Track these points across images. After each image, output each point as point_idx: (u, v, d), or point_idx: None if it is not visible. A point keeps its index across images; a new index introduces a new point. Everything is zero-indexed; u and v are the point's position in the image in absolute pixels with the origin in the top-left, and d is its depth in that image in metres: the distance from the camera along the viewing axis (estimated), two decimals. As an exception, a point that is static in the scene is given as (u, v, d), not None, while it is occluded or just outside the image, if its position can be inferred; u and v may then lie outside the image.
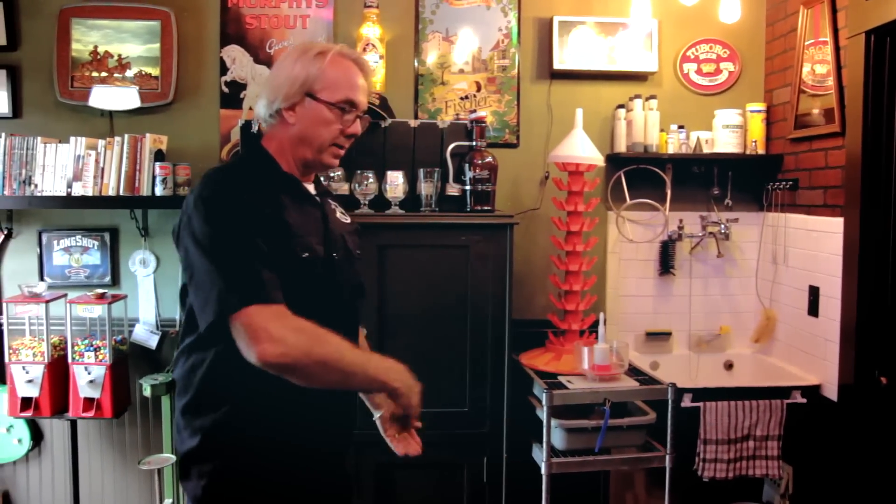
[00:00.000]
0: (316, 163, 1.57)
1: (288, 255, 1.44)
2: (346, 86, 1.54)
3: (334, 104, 1.52)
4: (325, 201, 1.64)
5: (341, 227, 1.65)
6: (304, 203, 1.57)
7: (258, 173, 1.53)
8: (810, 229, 2.90)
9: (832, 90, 2.72)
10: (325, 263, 1.53)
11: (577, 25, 3.18)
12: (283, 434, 1.48)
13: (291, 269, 1.43)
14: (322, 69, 1.52)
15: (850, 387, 2.60)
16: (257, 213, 1.42)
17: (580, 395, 2.52)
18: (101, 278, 3.10)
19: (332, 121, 1.53)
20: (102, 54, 3.05)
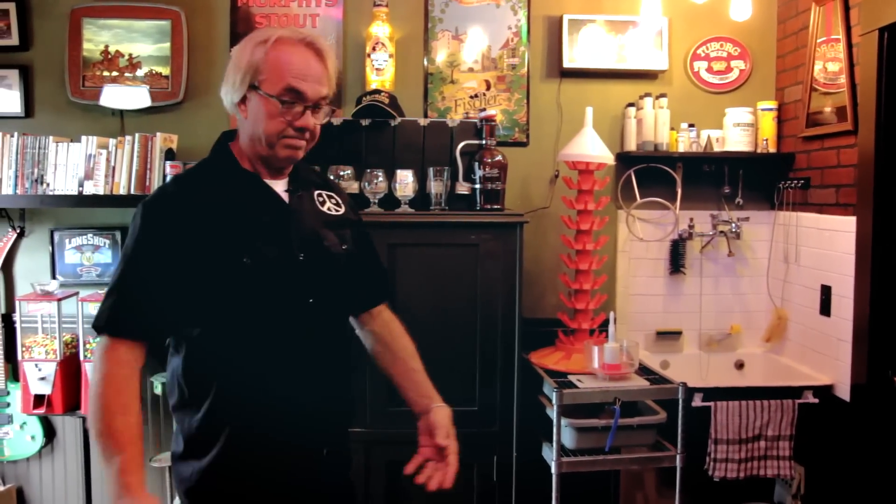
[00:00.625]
0: (272, 158, 1.46)
1: (227, 260, 1.40)
2: (288, 73, 1.40)
3: (274, 96, 1.40)
4: (301, 197, 1.53)
5: (317, 222, 1.53)
6: (262, 203, 1.48)
7: (209, 177, 1.49)
8: (822, 228, 2.89)
9: (844, 88, 2.70)
10: (275, 267, 1.44)
11: (587, 24, 3.17)
12: (261, 427, 1.45)
13: (232, 276, 1.40)
14: (264, 57, 1.41)
15: (862, 387, 2.59)
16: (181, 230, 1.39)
17: (590, 394, 2.51)
18: (112, 276, 3.11)
19: (275, 114, 1.40)
20: (113, 54, 3.07)
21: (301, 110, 1.42)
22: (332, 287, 1.53)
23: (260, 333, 1.44)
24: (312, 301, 1.48)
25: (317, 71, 1.44)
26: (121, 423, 1.32)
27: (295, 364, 1.47)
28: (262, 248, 1.43)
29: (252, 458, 1.46)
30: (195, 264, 1.39)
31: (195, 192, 1.44)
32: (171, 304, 1.39)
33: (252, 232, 1.43)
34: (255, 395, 1.44)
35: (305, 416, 1.49)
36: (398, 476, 2.62)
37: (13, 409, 2.95)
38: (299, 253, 1.47)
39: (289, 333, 1.46)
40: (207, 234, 1.40)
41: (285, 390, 1.46)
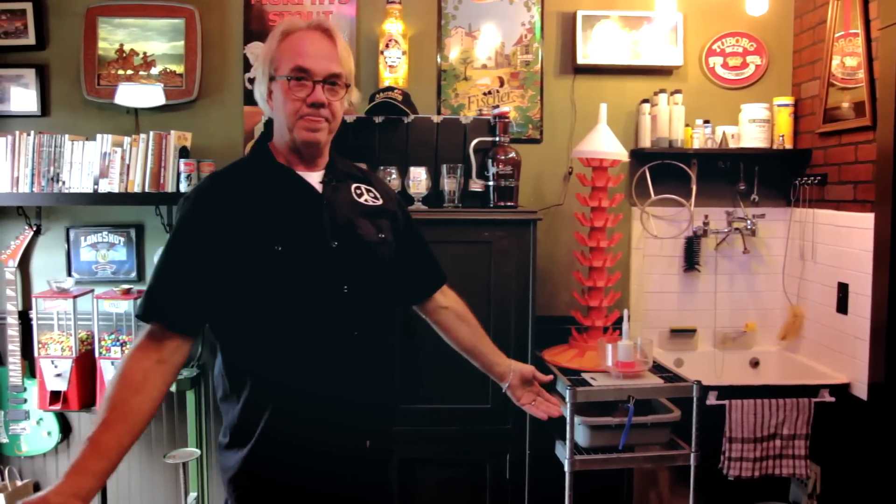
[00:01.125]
0: (295, 143, 1.50)
1: (261, 249, 1.44)
2: (296, 53, 1.47)
3: (285, 76, 1.47)
4: (336, 187, 1.57)
5: (352, 213, 1.56)
6: (295, 194, 1.52)
7: (246, 171, 1.56)
8: (839, 225, 2.85)
9: (863, 83, 2.67)
10: (307, 255, 1.47)
11: (601, 20, 3.15)
12: (296, 416, 1.47)
13: (265, 264, 1.44)
14: (277, 48, 1.50)
15: (880, 385, 2.56)
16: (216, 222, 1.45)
17: (604, 392, 2.50)
18: (126, 274, 3.14)
19: (291, 96, 1.47)
20: (128, 52, 3.08)
21: (311, 86, 1.47)
22: (368, 275, 1.54)
23: (294, 322, 1.46)
24: (347, 289, 1.49)
25: (324, 49, 1.49)
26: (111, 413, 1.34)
27: (331, 354, 1.48)
28: (295, 236, 1.46)
29: (289, 447, 1.47)
30: (230, 254, 1.43)
31: (231, 186, 1.51)
32: (207, 294, 1.45)
33: (285, 221, 1.47)
34: (292, 384, 1.46)
35: (343, 406, 1.50)
36: (411, 474, 2.63)
37: (30, 405, 2.97)
38: (332, 241, 1.49)
39: (324, 322, 1.48)
40: (241, 225, 1.44)
41: (321, 380, 1.47)
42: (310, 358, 1.47)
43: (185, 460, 2.93)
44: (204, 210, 1.47)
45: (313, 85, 1.47)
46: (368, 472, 1.58)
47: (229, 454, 1.50)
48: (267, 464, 1.48)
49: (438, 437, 2.59)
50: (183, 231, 1.47)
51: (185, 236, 1.46)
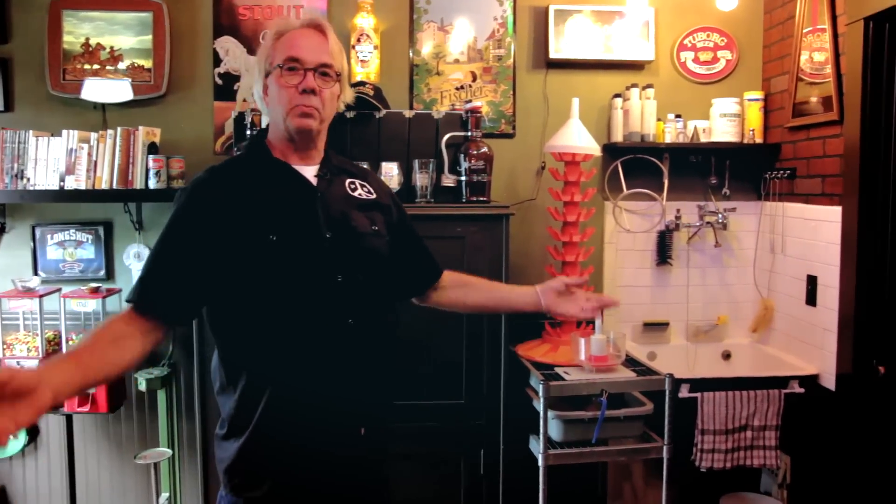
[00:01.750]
0: (291, 132, 1.54)
1: (255, 239, 1.47)
2: (289, 47, 1.53)
3: (278, 66, 1.52)
4: (330, 180, 1.60)
5: (346, 205, 1.59)
6: (290, 186, 1.56)
7: (242, 165, 1.60)
8: (808, 218, 2.89)
9: (830, 78, 2.70)
10: (301, 244, 1.50)
11: (573, 14, 3.15)
12: (281, 423, 1.48)
13: (260, 254, 1.46)
14: (272, 45, 1.56)
15: (848, 376, 2.59)
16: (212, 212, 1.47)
17: (577, 386, 2.51)
18: (95, 272, 3.08)
19: (284, 84, 1.52)
20: (94, 47, 3.03)
21: (302, 73, 1.51)
22: (362, 265, 1.57)
23: (289, 311, 1.48)
24: (341, 279, 1.51)
25: (315, 41, 1.54)
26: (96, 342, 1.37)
27: (326, 342, 1.50)
28: (289, 226, 1.49)
29: (284, 436, 1.49)
30: (225, 244, 1.46)
31: (227, 178, 1.55)
32: (198, 286, 1.47)
33: (279, 212, 1.50)
34: (287, 373, 1.47)
35: (338, 393, 1.51)
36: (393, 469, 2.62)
37: (-4, 406, 2.91)
38: (326, 231, 1.52)
39: (319, 311, 1.50)
40: (237, 216, 1.47)
41: (316, 368, 1.49)
42: (304, 346, 1.49)
43: (157, 460, 2.89)
44: (200, 201, 1.50)
45: (304, 72, 1.51)
46: (363, 462, 1.58)
47: (226, 444, 1.52)
48: (262, 452, 1.49)
49: (411, 433, 2.58)
50: (178, 222, 1.49)
51: (180, 227, 1.49)
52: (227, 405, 1.53)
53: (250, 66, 3.11)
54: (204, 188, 1.52)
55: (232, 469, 1.51)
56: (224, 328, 1.53)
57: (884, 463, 2.43)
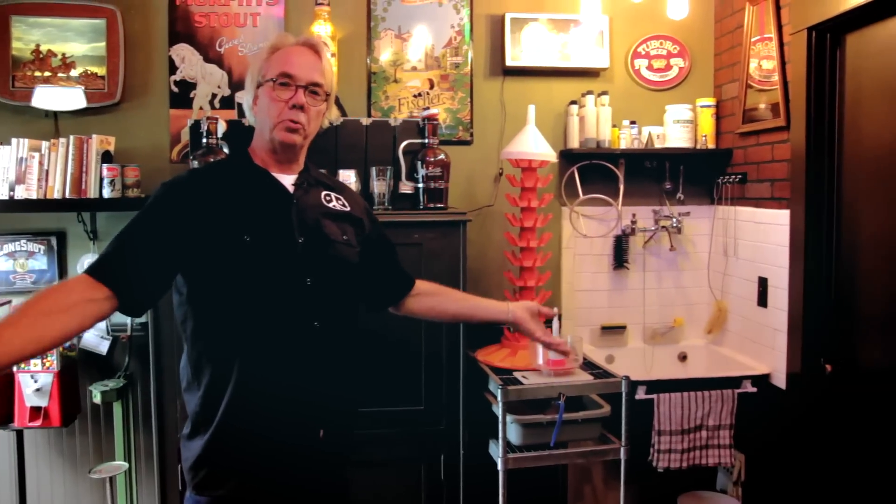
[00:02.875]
0: (275, 144, 1.61)
1: (229, 238, 1.52)
2: (283, 62, 1.60)
3: (271, 80, 1.59)
4: (306, 190, 1.66)
5: (319, 213, 1.65)
6: (267, 192, 1.62)
7: (223, 169, 1.69)
8: (759, 221, 2.96)
9: (777, 85, 2.78)
10: (274, 247, 1.56)
11: (530, 22, 3.19)
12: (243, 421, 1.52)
13: (233, 253, 1.51)
14: (266, 59, 1.63)
15: (797, 375, 2.67)
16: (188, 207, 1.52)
17: (535, 390, 2.53)
18: (48, 283, 3.02)
19: (273, 97, 1.59)
20: (45, 53, 2.98)
21: (293, 89, 1.58)
22: (330, 271, 1.62)
23: (257, 310, 1.53)
24: (310, 282, 1.57)
25: (309, 60, 1.62)
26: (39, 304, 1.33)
27: (291, 343, 1.55)
28: (263, 229, 1.55)
29: (246, 434, 1.52)
30: (199, 241, 1.50)
31: (208, 179, 1.62)
32: (160, 272, 1.51)
33: (255, 215, 1.56)
34: (251, 371, 1.51)
35: (300, 395, 1.55)
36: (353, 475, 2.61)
37: (-56, 422, 2.84)
38: (299, 237, 1.58)
39: (286, 312, 1.55)
40: (212, 214, 1.52)
41: (280, 368, 1.53)
42: (270, 345, 1.53)
43: (112, 474, 2.84)
44: (176, 195, 1.55)
45: (296, 89, 1.58)
46: (323, 464, 1.62)
47: (190, 444, 1.56)
48: (226, 447, 1.52)
49: (371, 439, 2.57)
50: (151, 209, 1.53)
51: (153, 215, 1.53)
52: (192, 402, 1.57)
53: (206, 74, 3.09)
54: (183, 184, 1.58)
55: (196, 465, 1.54)
56: (193, 324, 1.56)
57: (832, 457, 2.50)
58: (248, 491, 1.53)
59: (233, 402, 1.51)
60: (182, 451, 1.60)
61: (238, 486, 1.53)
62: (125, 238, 1.50)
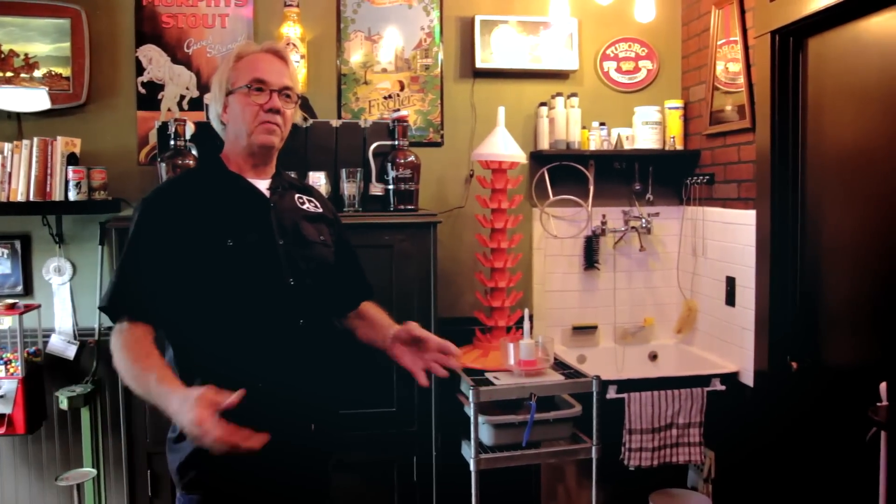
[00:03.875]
0: (254, 147, 1.65)
1: (213, 243, 1.56)
2: (253, 69, 1.64)
3: (244, 86, 1.63)
4: (282, 194, 1.71)
5: (296, 216, 1.71)
6: (245, 197, 1.66)
7: (199, 178, 1.72)
8: (726, 222, 3.00)
9: (743, 87, 2.82)
10: (256, 249, 1.60)
11: (499, 24, 3.20)
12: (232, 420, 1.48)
13: (217, 258, 1.56)
14: (233, 67, 1.67)
15: (764, 373, 2.71)
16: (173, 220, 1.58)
17: (506, 390, 2.54)
18: (12, 288, 2.97)
19: (248, 103, 1.63)
20: (7, 53, 2.92)
21: (268, 94, 1.63)
22: (311, 271, 1.67)
23: (243, 312, 1.58)
24: (293, 282, 1.62)
25: (277, 66, 1.67)
26: (145, 362, 1.47)
27: (278, 341, 1.60)
28: (245, 233, 1.60)
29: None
30: (185, 250, 1.55)
31: (186, 189, 1.66)
32: (167, 288, 1.55)
33: (235, 220, 1.61)
34: (240, 371, 1.53)
35: (290, 393, 1.59)
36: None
37: None
38: (279, 239, 1.64)
39: (271, 312, 1.60)
40: (196, 223, 1.57)
41: (268, 366, 1.57)
42: (257, 345, 1.58)
43: (80, 481, 2.80)
44: (161, 209, 1.60)
45: (270, 93, 1.63)
46: (311, 460, 1.67)
47: (178, 446, 1.58)
48: None
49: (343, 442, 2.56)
50: (143, 229, 1.59)
51: (146, 233, 1.58)
52: None
53: (174, 75, 3.05)
54: (164, 197, 1.64)
55: (185, 466, 1.56)
56: (180, 329, 1.59)
57: (799, 453, 2.55)
58: (239, 487, 1.56)
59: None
60: (168, 454, 1.62)
61: (229, 483, 1.55)
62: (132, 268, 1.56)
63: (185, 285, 1.56)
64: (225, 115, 1.68)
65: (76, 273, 3.00)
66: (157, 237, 1.57)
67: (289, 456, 1.59)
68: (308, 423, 1.64)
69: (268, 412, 1.53)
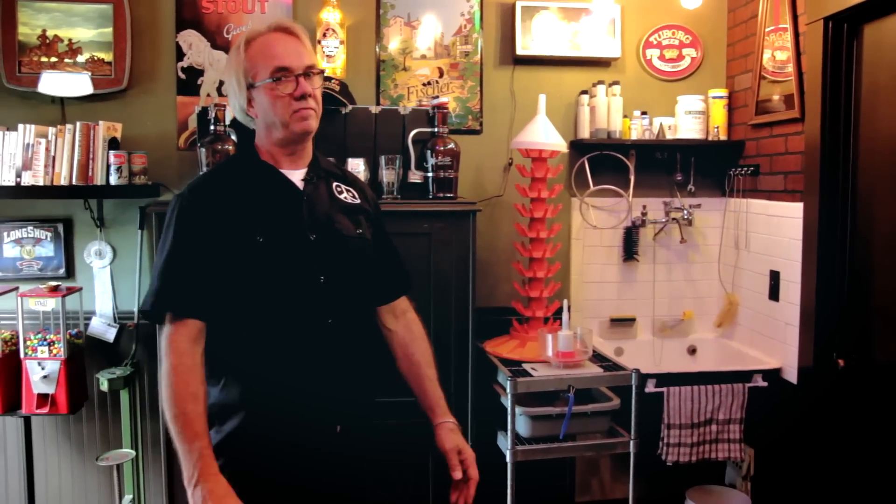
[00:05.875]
0: (291, 137, 1.60)
1: (244, 240, 1.53)
2: (271, 58, 1.57)
3: (268, 80, 1.56)
4: (316, 184, 1.66)
5: (331, 208, 1.65)
6: (278, 190, 1.62)
7: (233, 170, 1.66)
8: (771, 214, 2.93)
9: (792, 76, 2.74)
10: (287, 245, 1.56)
11: (540, 11, 3.15)
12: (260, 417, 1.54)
13: (248, 254, 1.53)
14: (245, 58, 1.59)
15: (809, 369, 2.64)
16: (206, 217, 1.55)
17: (544, 382, 2.52)
18: (55, 270, 3.01)
19: (276, 96, 1.57)
20: (52, 39, 2.95)
21: (294, 81, 1.56)
22: (344, 267, 1.62)
23: (272, 309, 1.55)
24: (324, 280, 1.58)
25: (293, 45, 1.59)
26: (192, 410, 1.45)
27: (306, 340, 1.56)
28: (275, 228, 1.56)
29: (263, 432, 1.53)
30: (219, 245, 1.53)
31: (219, 183, 1.62)
32: (209, 282, 1.53)
33: (267, 215, 1.57)
34: (267, 368, 1.53)
35: (317, 390, 1.56)
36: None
37: (-49, 408, 2.83)
38: (311, 234, 1.58)
39: (300, 310, 1.56)
40: (228, 219, 1.55)
41: (296, 365, 1.55)
42: (285, 343, 1.55)
43: (119, 462, 2.84)
44: (197, 204, 1.57)
45: (296, 79, 1.56)
46: (340, 459, 1.61)
47: None
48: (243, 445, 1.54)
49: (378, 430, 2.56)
50: (181, 227, 1.55)
51: (183, 231, 1.55)
52: (211, 393, 1.56)
53: (214, 61, 3.06)
54: (199, 193, 1.60)
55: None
56: (210, 325, 1.55)
57: (843, 453, 2.48)
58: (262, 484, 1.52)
59: (248, 399, 1.54)
60: None
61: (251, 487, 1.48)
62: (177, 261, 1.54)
63: (218, 282, 1.54)
64: (251, 108, 1.62)
65: (116, 257, 3.03)
66: (193, 238, 1.54)
67: (316, 460, 1.56)
68: (333, 426, 1.59)
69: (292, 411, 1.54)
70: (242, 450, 1.54)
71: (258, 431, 1.53)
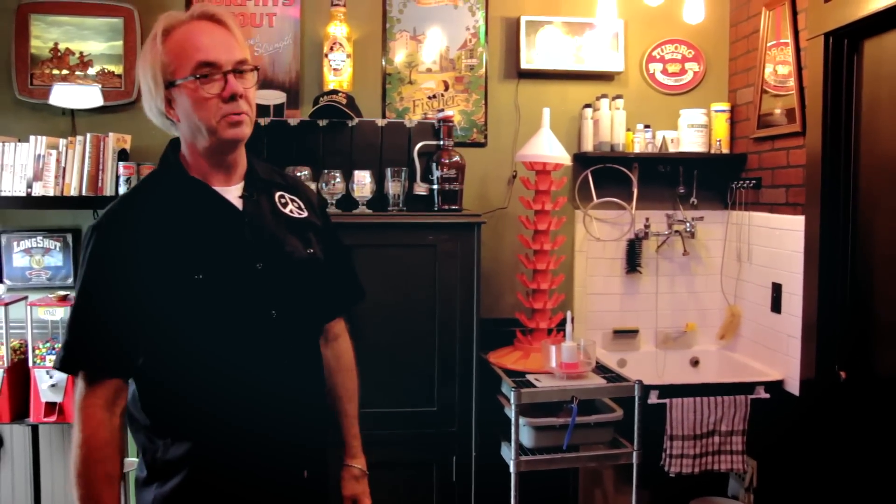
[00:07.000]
0: (219, 145, 1.36)
1: (179, 277, 1.32)
2: (193, 51, 1.32)
3: (191, 77, 1.32)
4: (257, 200, 1.44)
5: (277, 228, 1.44)
6: (214, 213, 1.39)
7: (157, 190, 1.41)
8: (773, 227, 2.95)
9: (793, 91, 2.77)
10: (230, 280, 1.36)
11: (545, 25, 3.19)
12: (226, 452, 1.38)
13: (186, 295, 1.32)
14: (163, 50, 1.33)
15: (811, 381, 2.65)
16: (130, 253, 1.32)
17: (548, 393, 2.54)
18: (63, 280, 3.04)
19: (200, 96, 1.32)
20: (63, 51, 3.00)
21: (222, 79, 1.33)
22: (297, 297, 1.44)
23: (219, 352, 1.35)
24: (275, 314, 1.39)
25: (221, 37, 1.35)
26: (107, 496, 1.30)
27: (258, 383, 1.38)
28: (215, 261, 1.35)
29: (218, 486, 1.37)
30: (146, 287, 1.31)
31: (143, 209, 1.37)
32: (133, 333, 1.33)
33: (203, 245, 1.35)
34: (219, 420, 1.36)
35: (274, 436, 1.40)
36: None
37: (-41, 417, 2.86)
38: (256, 262, 1.38)
39: (252, 353, 1.37)
40: (157, 253, 1.32)
41: (248, 412, 1.37)
42: (235, 388, 1.36)
43: (128, 470, 2.84)
44: (115, 236, 1.34)
45: (224, 77, 1.33)
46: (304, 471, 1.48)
47: (147, 491, 1.39)
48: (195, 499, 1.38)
49: (383, 440, 2.57)
50: (96, 266, 1.33)
51: (100, 272, 1.33)
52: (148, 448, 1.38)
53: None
54: (117, 225, 1.35)
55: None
56: (146, 367, 1.36)
57: (845, 465, 2.49)
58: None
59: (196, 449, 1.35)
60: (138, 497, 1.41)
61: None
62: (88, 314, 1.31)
63: (146, 331, 1.33)
64: (171, 111, 1.36)
65: (124, 267, 3.06)
66: (111, 279, 1.31)
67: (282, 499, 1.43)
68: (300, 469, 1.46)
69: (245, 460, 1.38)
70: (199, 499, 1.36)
71: (212, 483, 1.36)
